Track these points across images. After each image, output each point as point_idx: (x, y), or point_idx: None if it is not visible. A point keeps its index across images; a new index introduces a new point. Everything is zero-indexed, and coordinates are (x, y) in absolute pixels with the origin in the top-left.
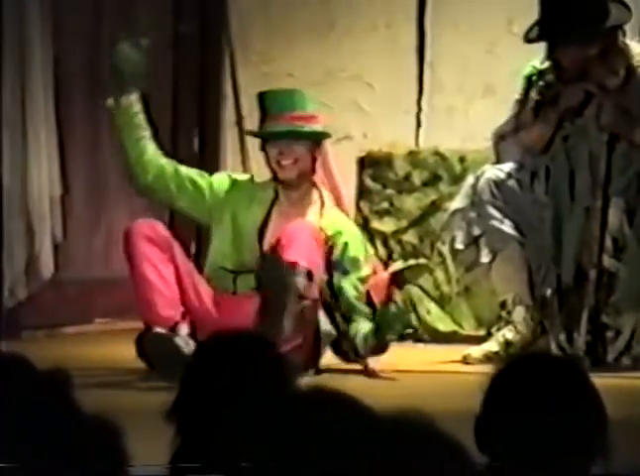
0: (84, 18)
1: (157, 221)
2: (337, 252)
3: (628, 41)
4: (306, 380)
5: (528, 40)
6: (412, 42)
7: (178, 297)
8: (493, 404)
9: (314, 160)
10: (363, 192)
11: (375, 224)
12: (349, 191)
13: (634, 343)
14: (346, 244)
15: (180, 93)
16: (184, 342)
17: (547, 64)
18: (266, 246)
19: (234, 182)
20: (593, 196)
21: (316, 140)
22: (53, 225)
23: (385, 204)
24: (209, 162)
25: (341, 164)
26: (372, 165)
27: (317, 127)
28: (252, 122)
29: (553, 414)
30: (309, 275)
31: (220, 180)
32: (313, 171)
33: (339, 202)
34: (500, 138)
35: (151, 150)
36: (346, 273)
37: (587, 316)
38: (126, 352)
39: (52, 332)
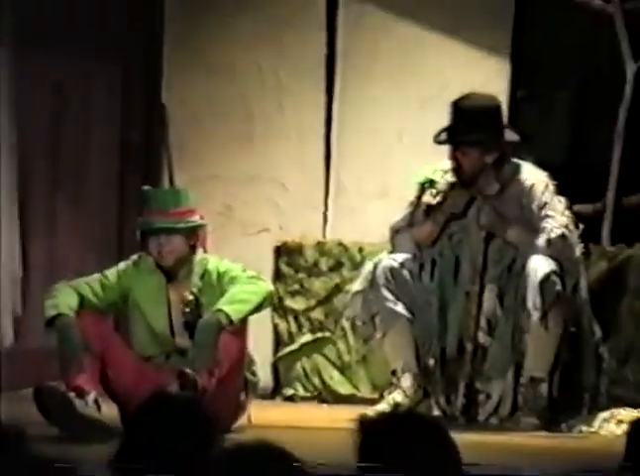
0: (46, 123)
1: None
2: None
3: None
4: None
5: (438, 142)
6: (320, 151)
7: (97, 376)
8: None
9: (193, 246)
10: (278, 276)
11: (289, 302)
12: (267, 276)
13: (500, 407)
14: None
15: (126, 190)
16: (81, 402)
17: (436, 175)
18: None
19: (124, 272)
20: (473, 283)
21: (192, 231)
22: (14, 302)
23: (297, 286)
24: None
25: (260, 252)
26: (286, 253)
27: (193, 220)
28: None
29: (416, 462)
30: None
31: (115, 275)
32: (193, 251)
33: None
34: (396, 232)
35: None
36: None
37: (465, 383)
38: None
39: (10, 395)
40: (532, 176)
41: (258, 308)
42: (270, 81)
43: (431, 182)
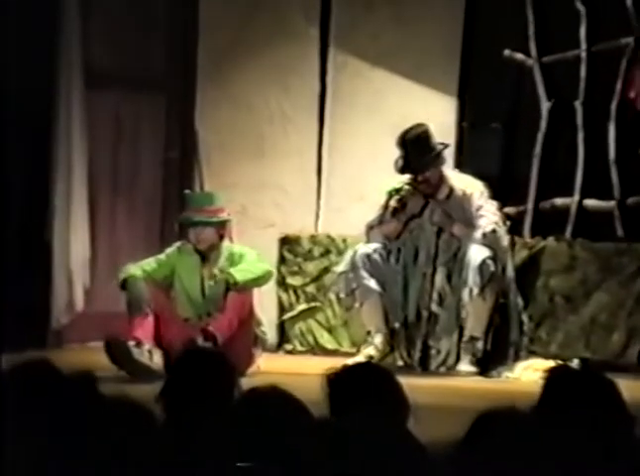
0: (107, 145)
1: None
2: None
3: (450, 171)
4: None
5: (401, 172)
6: (314, 165)
7: (151, 331)
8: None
9: (221, 236)
10: (282, 260)
11: (289, 280)
12: (273, 260)
13: (448, 358)
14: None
15: (167, 194)
16: (138, 350)
17: (400, 185)
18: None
19: (172, 255)
20: (427, 266)
21: (220, 224)
22: (84, 277)
23: (296, 268)
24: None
25: (268, 242)
26: (287, 243)
27: (221, 216)
28: None
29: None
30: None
31: (165, 256)
32: (221, 240)
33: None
34: (370, 228)
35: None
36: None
37: (421, 341)
38: None
39: (82, 346)
40: (471, 184)
41: (257, 280)
42: (277, 112)
43: (396, 191)
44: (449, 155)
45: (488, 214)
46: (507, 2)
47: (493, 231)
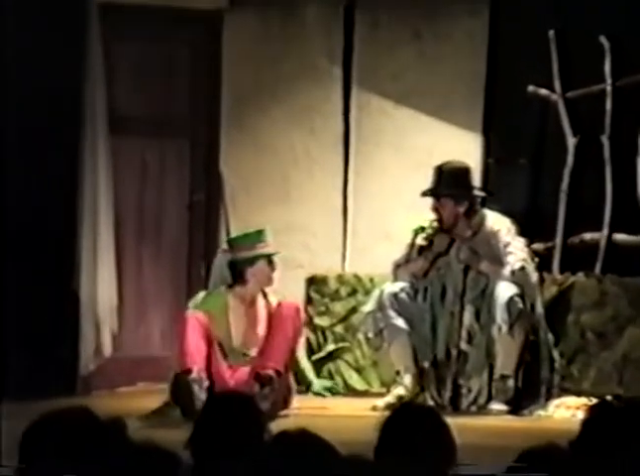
0: (133, 189)
1: (200, 313)
2: None
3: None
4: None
5: (423, 194)
6: (339, 205)
7: (204, 364)
8: (387, 436)
9: None
10: (309, 300)
11: (317, 321)
12: (299, 300)
13: (478, 397)
14: None
15: (193, 239)
16: (198, 387)
17: (426, 224)
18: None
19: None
20: (455, 304)
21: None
22: (111, 323)
23: (323, 308)
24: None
25: (296, 282)
26: (314, 283)
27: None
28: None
29: (422, 441)
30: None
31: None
32: None
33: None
34: (397, 266)
35: None
36: None
37: (451, 380)
38: (157, 404)
39: (111, 392)
40: (498, 221)
41: None
42: (302, 154)
43: (422, 230)
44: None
45: (517, 251)
46: (530, 38)
47: (522, 268)
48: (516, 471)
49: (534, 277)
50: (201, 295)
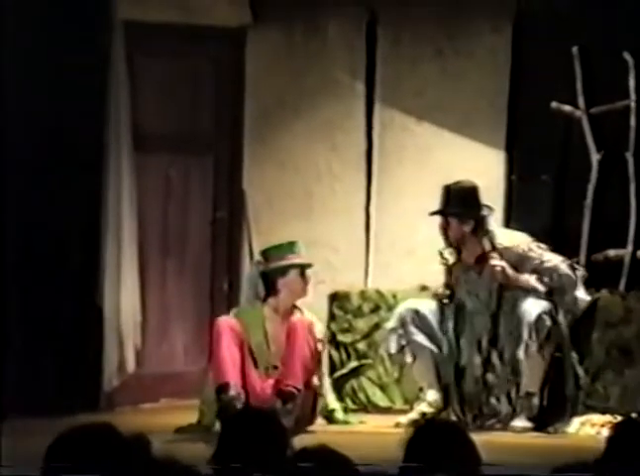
0: (157, 206)
1: (234, 319)
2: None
3: (494, 226)
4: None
5: (431, 214)
6: (362, 221)
7: (239, 375)
8: (412, 453)
9: None
10: (332, 317)
11: (340, 337)
12: (322, 316)
13: (503, 415)
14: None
15: (217, 254)
16: (239, 403)
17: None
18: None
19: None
20: (480, 322)
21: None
22: (135, 339)
23: (346, 325)
24: (234, 296)
25: (319, 298)
26: (337, 299)
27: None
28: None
29: (447, 457)
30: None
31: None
32: None
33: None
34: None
35: None
36: None
37: (475, 397)
38: (180, 420)
39: (134, 408)
40: (514, 238)
41: None
42: (325, 170)
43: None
44: (497, 207)
45: (550, 258)
46: (554, 54)
47: (561, 274)
48: None
49: (572, 275)
50: (234, 311)
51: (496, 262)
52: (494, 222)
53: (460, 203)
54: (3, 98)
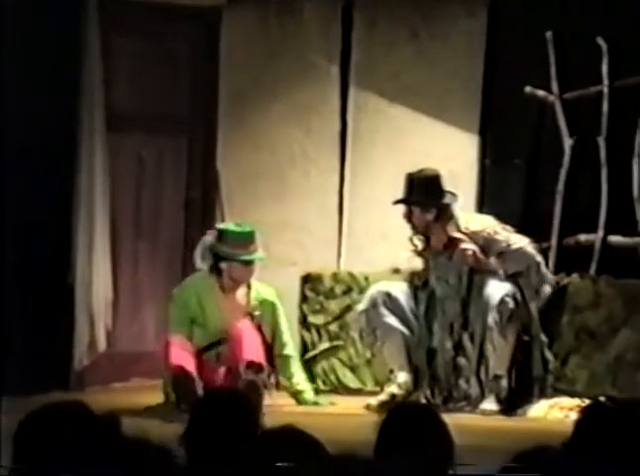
0: (129, 186)
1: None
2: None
3: (458, 212)
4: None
5: (395, 202)
6: (335, 203)
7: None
8: (385, 435)
9: None
10: (304, 298)
11: (311, 319)
12: (294, 298)
13: (472, 397)
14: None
15: (189, 235)
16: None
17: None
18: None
19: (191, 294)
20: (449, 305)
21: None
22: (106, 319)
23: (318, 306)
24: None
25: (291, 280)
26: (309, 281)
27: (261, 253)
28: None
29: (419, 438)
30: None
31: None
32: None
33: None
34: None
35: None
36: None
37: (444, 379)
38: (150, 400)
39: (105, 387)
40: (480, 222)
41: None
42: (299, 153)
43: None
44: (469, 191)
45: (515, 240)
46: (528, 38)
47: (522, 250)
48: (510, 472)
49: (537, 256)
50: (188, 280)
51: (467, 245)
52: (458, 208)
53: (422, 192)
54: None
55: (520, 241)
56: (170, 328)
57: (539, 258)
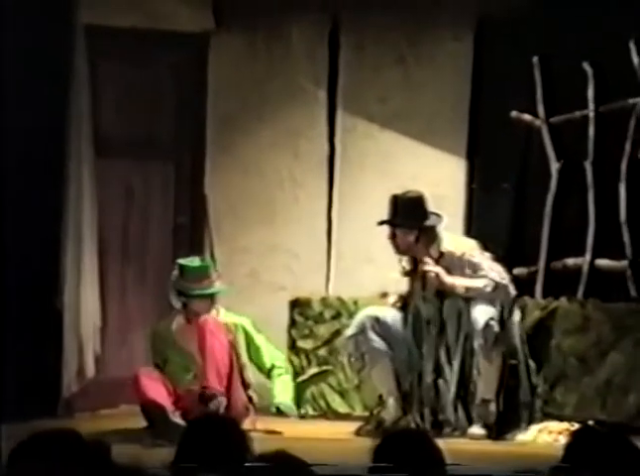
0: (117, 212)
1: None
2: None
3: (442, 233)
4: None
5: (378, 223)
6: (324, 228)
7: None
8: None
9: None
10: (293, 323)
11: (300, 344)
12: (283, 322)
13: (460, 422)
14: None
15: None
16: (177, 418)
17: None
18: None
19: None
20: (435, 329)
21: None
22: (95, 345)
23: (307, 331)
24: None
25: (279, 305)
26: (298, 305)
27: (217, 286)
28: (228, 273)
29: (413, 464)
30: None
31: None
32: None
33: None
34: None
35: None
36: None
37: (433, 404)
38: (139, 426)
39: (93, 414)
40: (461, 245)
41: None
42: (287, 177)
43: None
44: (457, 215)
45: (487, 268)
46: (514, 63)
47: (496, 287)
48: None
49: (511, 289)
50: (152, 328)
51: (430, 267)
52: (443, 229)
53: (404, 214)
54: None
55: (489, 269)
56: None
57: (504, 288)
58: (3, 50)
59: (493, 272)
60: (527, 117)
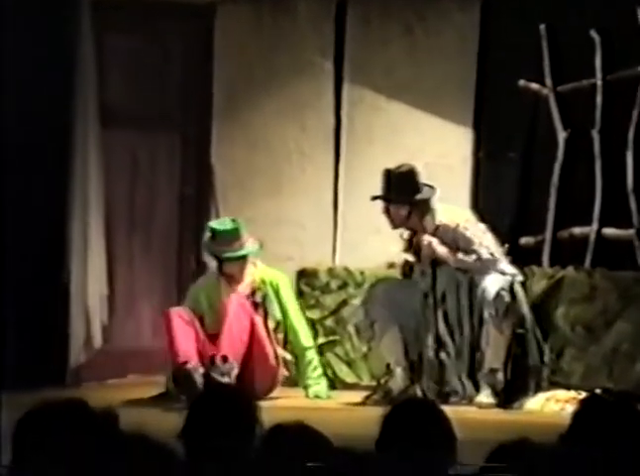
0: (124, 182)
1: (184, 308)
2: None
3: (437, 204)
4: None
5: (372, 199)
6: (330, 200)
7: (196, 357)
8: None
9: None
10: (300, 293)
11: (308, 314)
12: None
13: (468, 391)
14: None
15: (183, 230)
16: (199, 376)
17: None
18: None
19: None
20: (444, 299)
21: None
22: (101, 315)
23: (314, 301)
24: (201, 272)
25: (286, 275)
26: (305, 276)
27: (248, 247)
28: None
29: (422, 433)
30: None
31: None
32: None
33: None
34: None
35: None
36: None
37: (441, 373)
38: (147, 395)
39: (101, 384)
40: (455, 216)
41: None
42: (294, 149)
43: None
44: (464, 185)
45: (477, 246)
46: (521, 32)
47: (484, 262)
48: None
49: (503, 264)
50: (201, 278)
51: (425, 236)
52: (437, 200)
53: (396, 189)
54: None
55: (481, 242)
56: None
57: (491, 262)
58: (10, 23)
59: (483, 247)
60: (534, 86)
